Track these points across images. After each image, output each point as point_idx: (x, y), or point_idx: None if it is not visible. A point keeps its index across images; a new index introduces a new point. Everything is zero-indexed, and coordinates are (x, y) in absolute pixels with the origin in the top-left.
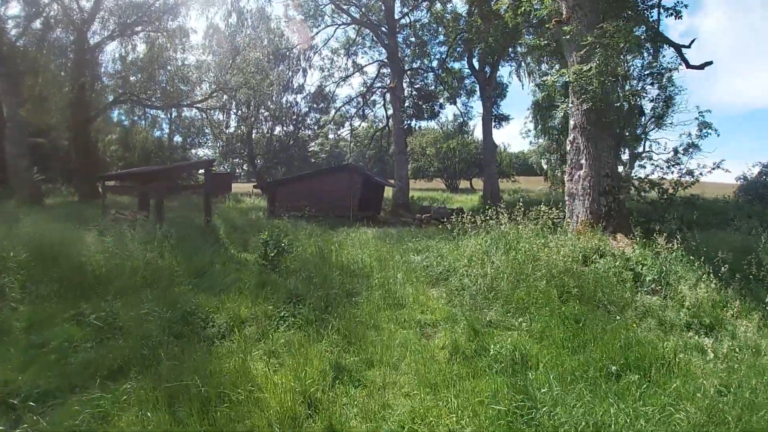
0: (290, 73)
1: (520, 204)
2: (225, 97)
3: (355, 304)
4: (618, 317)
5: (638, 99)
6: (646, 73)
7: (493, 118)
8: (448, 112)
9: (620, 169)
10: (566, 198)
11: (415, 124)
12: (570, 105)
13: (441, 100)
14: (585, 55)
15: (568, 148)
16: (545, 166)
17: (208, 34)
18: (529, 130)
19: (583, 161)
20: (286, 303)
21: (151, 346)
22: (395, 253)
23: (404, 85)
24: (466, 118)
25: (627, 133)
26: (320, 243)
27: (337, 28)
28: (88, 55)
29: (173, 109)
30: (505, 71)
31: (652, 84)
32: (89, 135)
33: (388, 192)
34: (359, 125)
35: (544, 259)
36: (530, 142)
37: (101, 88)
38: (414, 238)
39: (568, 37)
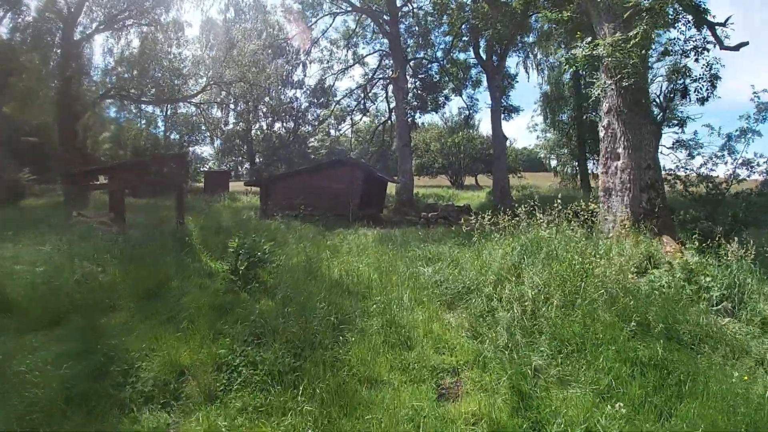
0: (289, 68)
1: (559, 200)
2: (223, 93)
3: (345, 343)
4: (708, 358)
5: (682, 77)
6: (689, 48)
7: (503, 109)
8: (453, 105)
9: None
10: (600, 194)
11: (419, 118)
12: (605, 84)
13: (446, 92)
14: (623, 24)
15: (601, 135)
16: (554, 162)
17: (204, 29)
18: (537, 124)
19: (620, 150)
20: (248, 343)
21: (28, 419)
22: (399, 262)
23: (407, 76)
24: (471, 111)
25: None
26: (309, 249)
27: (335, 16)
28: (75, 49)
29: (168, 106)
30: (511, 62)
31: (696, 60)
32: (76, 132)
33: (391, 189)
34: (360, 119)
35: (599, 275)
36: (537, 137)
37: (89, 83)
38: (422, 242)
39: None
